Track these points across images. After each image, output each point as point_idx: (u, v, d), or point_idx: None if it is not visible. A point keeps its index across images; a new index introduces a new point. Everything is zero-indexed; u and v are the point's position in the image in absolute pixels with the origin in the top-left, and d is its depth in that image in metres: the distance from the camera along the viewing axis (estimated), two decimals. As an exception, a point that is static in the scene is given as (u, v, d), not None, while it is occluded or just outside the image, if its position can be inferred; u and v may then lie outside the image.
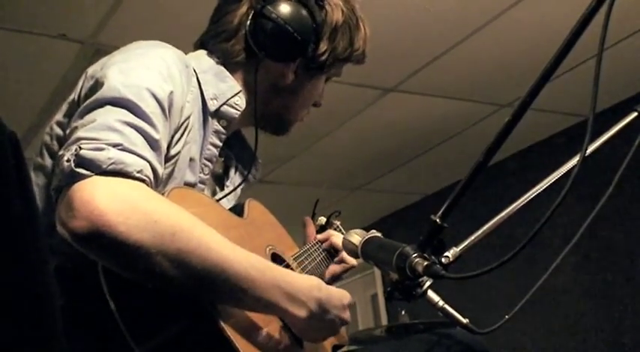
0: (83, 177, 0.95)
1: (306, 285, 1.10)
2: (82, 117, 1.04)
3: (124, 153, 0.99)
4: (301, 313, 1.07)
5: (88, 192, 0.93)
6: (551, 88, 1.29)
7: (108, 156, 0.97)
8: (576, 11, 0.91)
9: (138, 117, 1.04)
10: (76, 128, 1.02)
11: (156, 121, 1.06)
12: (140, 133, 1.03)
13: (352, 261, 1.62)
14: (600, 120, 0.96)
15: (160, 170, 1.07)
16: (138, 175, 0.99)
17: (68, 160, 0.96)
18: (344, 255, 1.59)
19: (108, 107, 1.03)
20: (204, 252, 0.97)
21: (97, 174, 0.95)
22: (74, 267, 1.06)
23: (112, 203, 0.92)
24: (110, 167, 0.96)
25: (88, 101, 1.06)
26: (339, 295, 1.16)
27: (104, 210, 0.91)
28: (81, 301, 1.04)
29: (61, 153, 1.00)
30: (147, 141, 1.03)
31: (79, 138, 0.99)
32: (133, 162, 0.99)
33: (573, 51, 0.92)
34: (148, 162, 1.02)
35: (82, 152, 0.96)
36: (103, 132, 0.99)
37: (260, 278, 1.02)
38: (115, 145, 0.98)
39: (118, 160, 0.97)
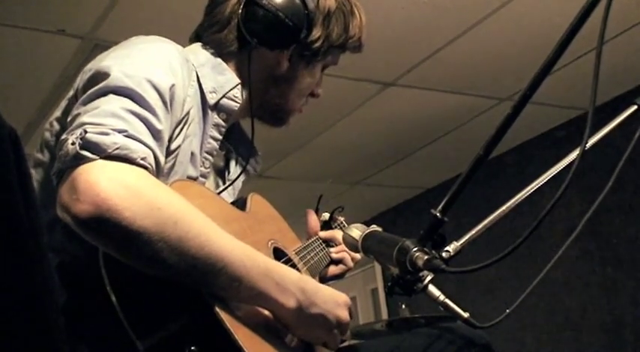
0: (88, 160, 0.95)
1: (295, 277, 1.10)
2: (84, 104, 1.04)
3: (129, 139, 0.99)
4: (290, 303, 1.07)
5: (93, 176, 0.93)
6: (551, 82, 1.29)
7: (114, 140, 0.97)
8: (576, 4, 0.91)
9: (141, 106, 1.04)
10: (79, 114, 1.02)
11: (159, 112, 1.07)
12: (143, 122, 1.03)
13: (350, 263, 1.63)
14: (600, 113, 0.96)
15: (162, 160, 1.07)
16: (142, 162, 0.99)
17: (73, 143, 0.96)
18: (344, 254, 1.61)
19: (111, 96, 1.04)
20: (204, 240, 0.97)
21: (101, 158, 0.96)
22: (75, 264, 1.06)
23: (117, 188, 0.92)
24: (115, 152, 0.96)
25: (90, 90, 1.06)
26: (329, 291, 1.15)
27: (109, 195, 0.91)
28: (82, 298, 1.04)
29: (64, 137, 0.99)
30: (150, 131, 1.04)
31: (84, 123, 0.99)
32: (137, 149, 0.99)
33: (573, 44, 0.92)
34: (152, 150, 1.03)
35: (88, 135, 0.96)
36: (107, 118, 1.00)
37: (254, 269, 1.02)
38: (120, 131, 0.99)
39: (123, 145, 0.97)
